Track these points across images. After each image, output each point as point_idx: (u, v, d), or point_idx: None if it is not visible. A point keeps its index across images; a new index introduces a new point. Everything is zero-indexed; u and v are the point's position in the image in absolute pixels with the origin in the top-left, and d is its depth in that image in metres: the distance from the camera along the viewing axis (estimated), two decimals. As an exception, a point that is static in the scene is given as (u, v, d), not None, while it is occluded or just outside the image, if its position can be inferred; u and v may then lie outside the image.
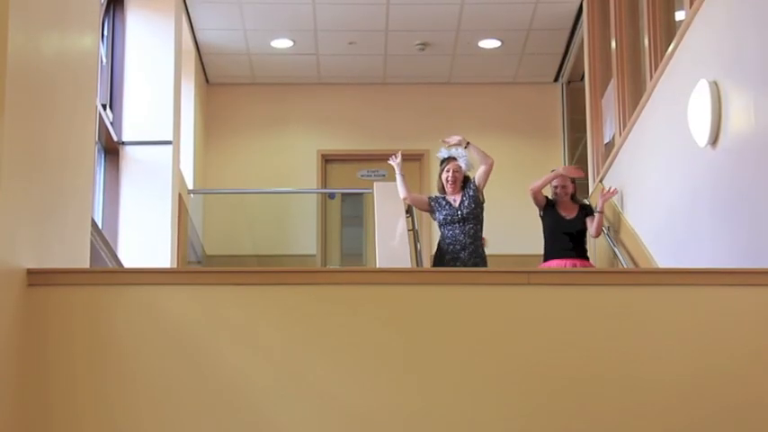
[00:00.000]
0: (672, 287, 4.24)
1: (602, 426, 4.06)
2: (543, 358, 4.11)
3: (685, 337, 4.14)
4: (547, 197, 7.89)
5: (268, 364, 4.05)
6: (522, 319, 4.16)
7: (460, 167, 7.40)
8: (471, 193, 7.33)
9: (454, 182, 7.32)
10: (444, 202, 7.33)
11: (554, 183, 7.78)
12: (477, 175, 7.40)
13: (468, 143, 7.44)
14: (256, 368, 4.04)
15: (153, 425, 3.98)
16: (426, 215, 7.93)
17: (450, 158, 7.44)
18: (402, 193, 7.56)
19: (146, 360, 4.02)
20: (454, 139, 7.47)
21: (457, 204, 7.30)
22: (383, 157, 11.55)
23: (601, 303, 4.20)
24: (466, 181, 7.41)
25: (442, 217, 7.31)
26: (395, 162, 7.65)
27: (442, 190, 7.40)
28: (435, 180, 7.64)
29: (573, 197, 7.86)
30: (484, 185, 7.40)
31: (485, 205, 7.38)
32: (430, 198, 7.48)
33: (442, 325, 4.14)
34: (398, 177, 7.58)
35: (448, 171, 7.36)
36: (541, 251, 7.72)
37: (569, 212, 7.74)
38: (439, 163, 7.54)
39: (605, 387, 4.09)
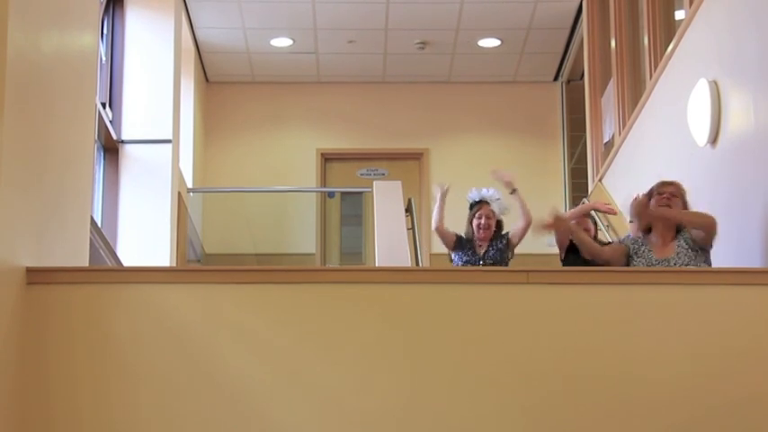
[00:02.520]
0: (670, 286, 4.24)
1: (602, 423, 4.06)
2: (542, 356, 4.11)
3: (683, 335, 4.14)
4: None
5: (267, 361, 4.06)
6: (521, 317, 4.17)
7: (494, 213, 6.57)
8: (500, 246, 6.55)
9: (487, 228, 6.48)
10: (468, 246, 6.56)
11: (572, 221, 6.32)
12: (513, 231, 6.61)
13: (515, 189, 6.59)
14: (255, 366, 4.04)
15: (153, 422, 3.98)
16: (426, 216, 7.88)
17: (483, 202, 6.58)
18: (435, 222, 6.68)
19: (145, 358, 4.02)
20: (506, 176, 6.69)
21: (481, 253, 6.53)
22: (383, 156, 11.61)
23: (600, 302, 4.20)
24: (498, 228, 6.62)
25: (461, 262, 6.57)
26: (441, 190, 6.79)
27: (471, 234, 6.59)
28: (435, 180, 7.52)
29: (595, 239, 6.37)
30: (518, 244, 6.61)
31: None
32: (457, 236, 6.63)
33: (441, 323, 4.14)
34: (438, 204, 6.73)
35: (480, 217, 6.49)
36: (541, 250, 7.66)
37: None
38: (468, 206, 6.70)
39: (604, 385, 4.09)
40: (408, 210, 8.18)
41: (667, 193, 5.28)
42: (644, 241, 5.23)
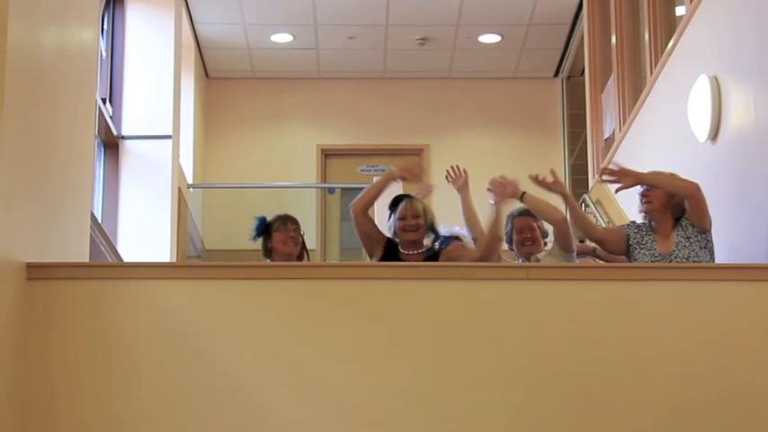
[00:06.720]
0: (670, 282, 4.25)
1: (602, 419, 4.06)
2: (542, 352, 4.11)
3: (684, 331, 4.15)
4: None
5: (268, 356, 4.06)
6: (520, 313, 4.17)
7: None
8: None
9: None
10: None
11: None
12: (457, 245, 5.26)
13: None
14: (256, 360, 4.05)
15: (154, 417, 3.98)
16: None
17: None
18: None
19: (146, 354, 4.03)
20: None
21: None
22: (383, 152, 11.59)
23: (599, 298, 4.20)
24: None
25: None
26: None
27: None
28: (435, 177, 7.39)
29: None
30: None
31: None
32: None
33: (442, 320, 4.15)
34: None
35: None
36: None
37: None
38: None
39: (605, 381, 4.09)
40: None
41: (644, 191, 5.04)
42: (648, 231, 5.02)
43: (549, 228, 5.30)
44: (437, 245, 5.12)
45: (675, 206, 5.04)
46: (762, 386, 4.09)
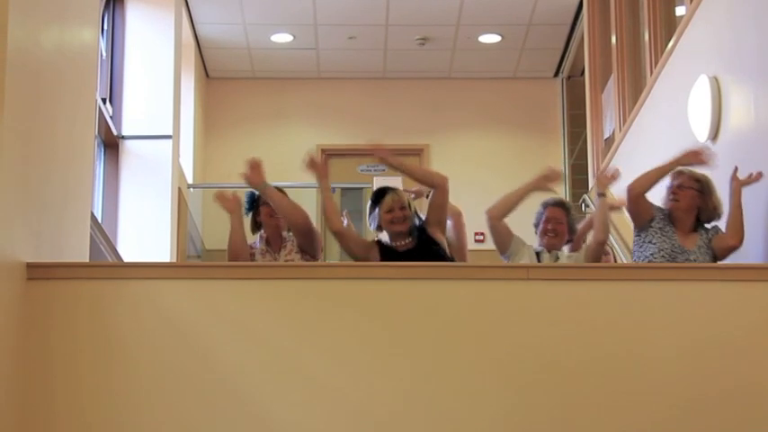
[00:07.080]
0: (671, 282, 4.25)
1: (602, 418, 4.06)
2: (542, 352, 4.11)
3: (685, 331, 4.15)
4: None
5: (268, 356, 4.06)
6: (520, 313, 4.17)
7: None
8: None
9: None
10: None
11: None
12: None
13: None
14: (256, 360, 4.05)
15: (154, 415, 3.98)
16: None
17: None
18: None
19: (146, 354, 4.03)
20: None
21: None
22: (383, 152, 11.57)
23: (599, 298, 4.20)
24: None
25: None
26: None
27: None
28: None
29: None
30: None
31: None
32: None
33: (441, 320, 4.14)
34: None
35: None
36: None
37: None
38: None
39: (603, 381, 4.09)
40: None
41: (674, 187, 5.13)
42: (669, 222, 5.09)
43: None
44: (417, 222, 5.22)
45: (704, 211, 5.14)
46: (762, 386, 4.09)
